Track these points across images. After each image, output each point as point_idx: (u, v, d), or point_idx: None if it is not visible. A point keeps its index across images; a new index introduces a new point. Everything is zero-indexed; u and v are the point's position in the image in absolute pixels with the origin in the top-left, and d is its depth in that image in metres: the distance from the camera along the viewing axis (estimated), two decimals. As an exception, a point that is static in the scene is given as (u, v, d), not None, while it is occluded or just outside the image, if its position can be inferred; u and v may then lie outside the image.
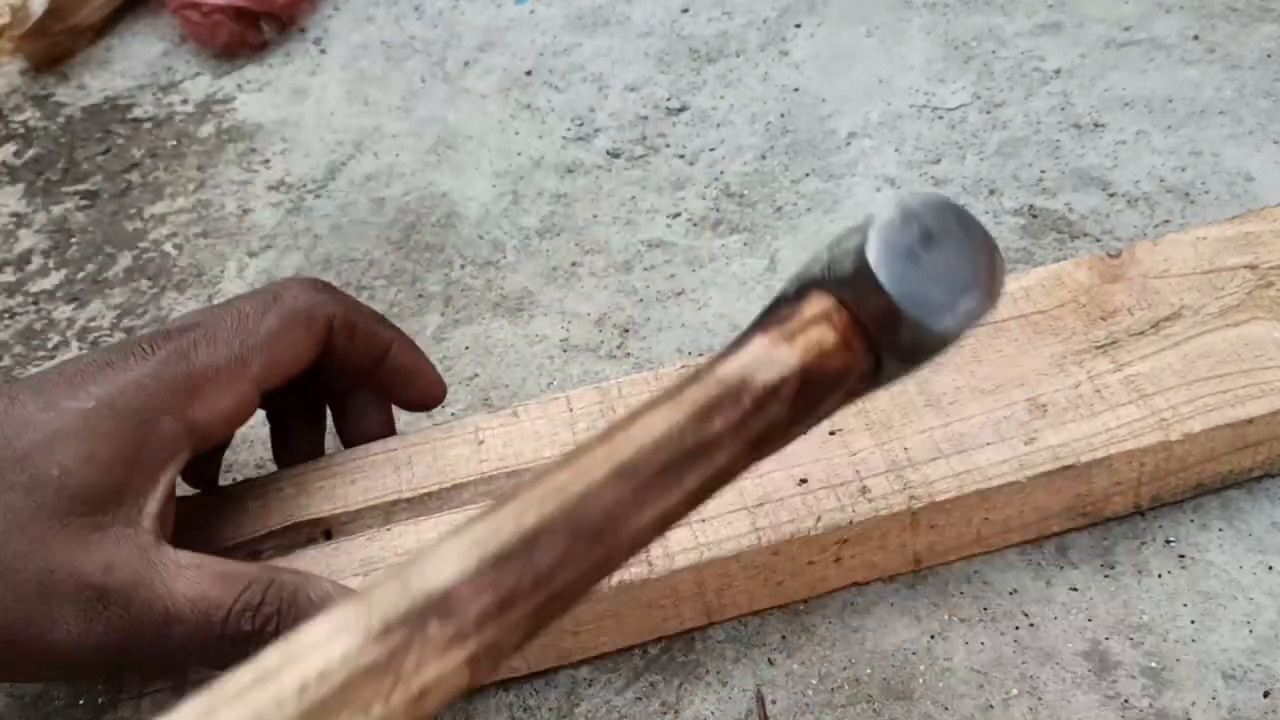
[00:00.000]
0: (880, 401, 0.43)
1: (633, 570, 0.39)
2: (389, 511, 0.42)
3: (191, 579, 0.35)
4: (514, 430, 0.44)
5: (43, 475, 0.35)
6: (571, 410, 0.44)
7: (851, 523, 0.40)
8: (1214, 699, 0.38)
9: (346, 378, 0.44)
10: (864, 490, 0.40)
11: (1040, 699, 0.39)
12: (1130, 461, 0.41)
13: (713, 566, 0.40)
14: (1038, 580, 0.42)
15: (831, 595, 0.42)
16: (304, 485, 0.43)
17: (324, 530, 0.42)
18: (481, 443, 0.44)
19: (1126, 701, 0.38)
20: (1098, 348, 0.43)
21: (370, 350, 0.43)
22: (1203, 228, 0.47)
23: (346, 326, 0.42)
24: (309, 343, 0.41)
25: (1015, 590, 0.41)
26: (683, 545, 0.40)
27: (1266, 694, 0.38)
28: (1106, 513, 0.42)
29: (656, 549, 0.39)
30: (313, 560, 0.41)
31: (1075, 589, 0.41)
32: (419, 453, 0.44)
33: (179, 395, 0.37)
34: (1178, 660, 0.39)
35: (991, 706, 0.39)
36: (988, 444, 0.41)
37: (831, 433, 0.42)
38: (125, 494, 0.36)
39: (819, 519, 0.40)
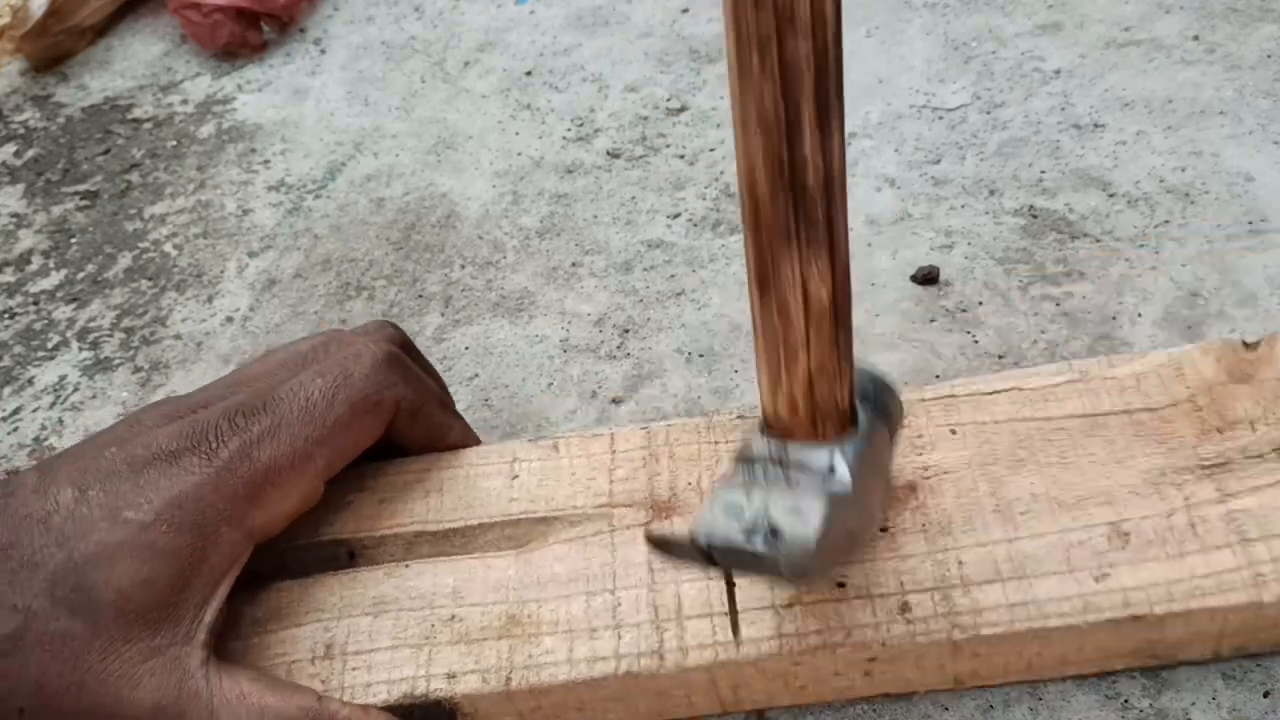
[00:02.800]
0: (945, 498, 0.39)
1: (642, 661, 0.37)
2: (411, 543, 0.41)
3: (233, 715, 0.35)
4: (550, 466, 0.42)
5: (99, 599, 0.35)
6: (614, 452, 0.42)
7: (884, 644, 0.36)
8: (1214, 699, 0.38)
9: (398, 451, 0.44)
10: (904, 607, 0.36)
11: (1040, 699, 0.39)
12: (1212, 618, 0.36)
13: (728, 668, 0.37)
14: (1038, 580, 0.42)
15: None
16: (334, 497, 0.42)
17: (348, 551, 0.41)
18: (516, 476, 0.42)
19: (1126, 702, 0.38)
20: (1204, 468, 0.38)
21: (429, 436, 0.43)
22: None
23: (411, 410, 0.41)
24: (375, 428, 0.41)
25: (1015, 590, 0.41)
26: (699, 640, 0.37)
27: (1266, 694, 0.38)
28: (1180, 658, 0.38)
29: (671, 640, 0.37)
30: (329, 589, 0.40)
31: (1075, 589, 0.41)
32: (451, 479, 0.42)
33: (239, 502, 0.37)
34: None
35: (992, 707, 0.39)
36: (1053, 573, 0.36)
37: (883, 529, 0.38)
38: (182, 611, 0.36)
39: (849, 634, 0.36)
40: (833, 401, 0.33)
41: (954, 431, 0.40)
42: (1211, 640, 0.37)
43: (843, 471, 0.33)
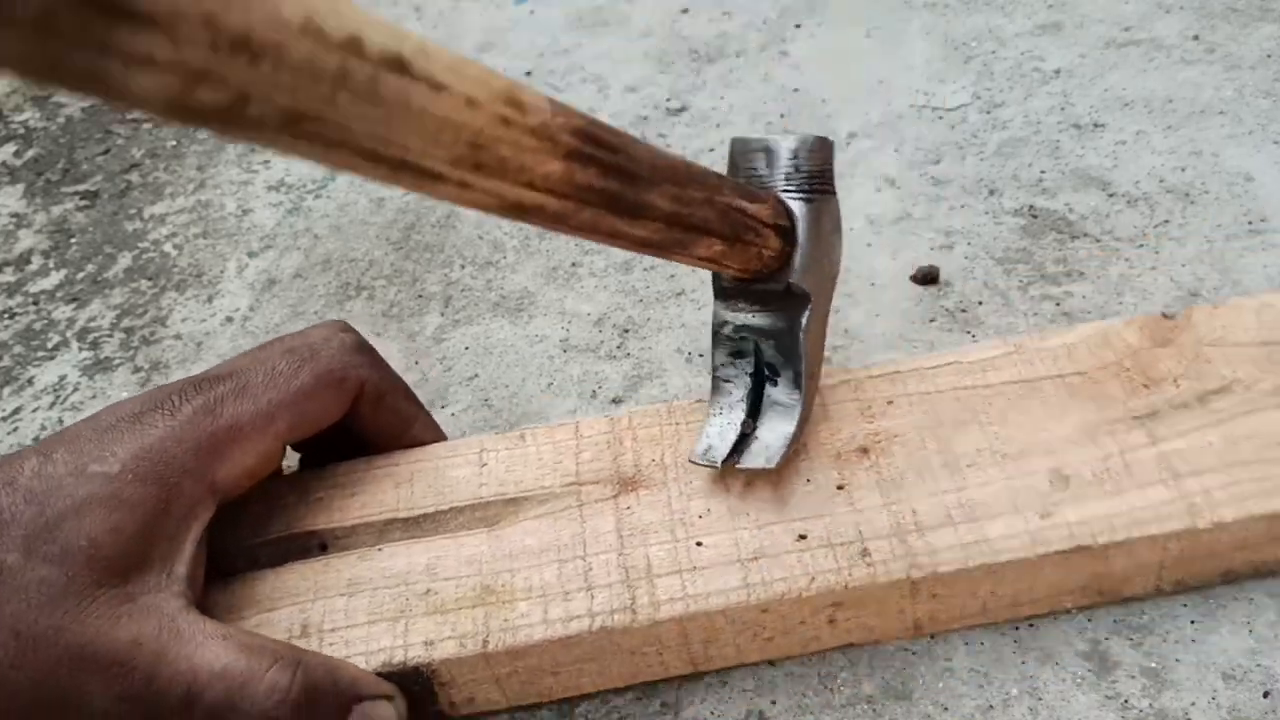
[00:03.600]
0: (895, 457, 0.41)
1: (615, 617, 0.38)
2: (383, 530, 0.42)
3: (216, 650, 0.35)
4: (518, 454, 0.43)
5: (72, 547, 0.35)
6: (579, 438, 0.44)
7: (847, 587, 0.38)
8: (1214, 699, 0.38)
9: (365, 443, 0.44)
10: (864, 553, 0.38)
11: (1040, 699, 0.39)
12: (1152, 546, 0.38)
13: (698, 619, 0.38)
14: (1038, 580, 0.42)
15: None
16: (305, 494, 0.43)
17: (319, 542, 0.42)
18: (484, 465, 0.43)
19: (1126, 701, 0.38)
20: (1135, 418, 0.41)
21: (392, 424, 0.44)
22: (1270, 293, 0.44)
23: (375, 395, 0.43)
24: (338, 403, 0.42)
25: (1015, 590, 0.42)
26: (669, 594, 0.38)
27: (1266, 694, 0.38)
28: (1125, 593, 0.40)
29: (642, 596, 0.38)
30: (301, 575, 0.41)
31: (1075, 589, 0.41)
32: (421, 470, 0.43)
33: (202, 455, 0.38)
34: (1178, 660, 0.39)
35: (991, 707, 0.39)
36: (1001, 515, 0.39)
37: (840, 487, 0.40)
38: (152, 561, 0.36)
39: (813, 580, 0.38)
40: (758, 261, 0.38)
41: (900, 402, 0.43)
42: (1153, 572, 0.39)
43: (799, 290, 0.40)
